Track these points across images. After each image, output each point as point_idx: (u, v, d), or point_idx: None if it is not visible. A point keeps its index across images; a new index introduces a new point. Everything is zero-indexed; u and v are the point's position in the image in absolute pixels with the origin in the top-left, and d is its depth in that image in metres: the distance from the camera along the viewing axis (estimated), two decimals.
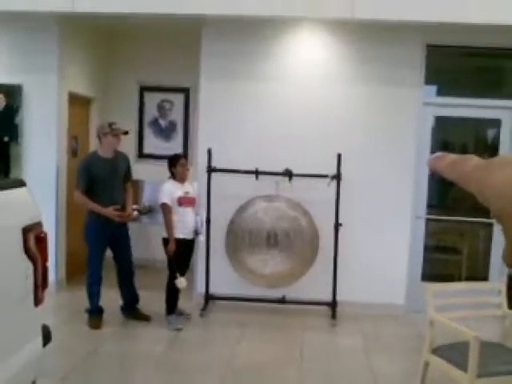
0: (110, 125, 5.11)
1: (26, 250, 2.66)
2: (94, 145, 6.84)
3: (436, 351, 3.52)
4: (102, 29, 6.92)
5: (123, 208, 5.17)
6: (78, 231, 5.32)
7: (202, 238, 5.49)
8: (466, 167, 0.56)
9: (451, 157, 0.58)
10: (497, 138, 6.01)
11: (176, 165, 5.19)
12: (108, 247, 5.22)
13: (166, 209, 5.10)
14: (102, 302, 5.18)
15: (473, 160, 0.56)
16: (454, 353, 3.41)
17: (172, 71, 7.07)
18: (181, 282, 5.10)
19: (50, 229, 4.07)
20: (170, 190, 5.12)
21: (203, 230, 5.46)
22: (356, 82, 5.80)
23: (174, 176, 5.19)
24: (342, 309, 5.69)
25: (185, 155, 5.90)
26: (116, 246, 5.24)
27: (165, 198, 5.10)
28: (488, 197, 0.51)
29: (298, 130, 5.83)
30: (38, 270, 2.74)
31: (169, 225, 5.09)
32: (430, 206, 6.05)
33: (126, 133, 5.19)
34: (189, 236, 5.22)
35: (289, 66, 5.83)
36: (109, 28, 6.97)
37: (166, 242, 5.13)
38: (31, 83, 5.93)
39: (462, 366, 3.22)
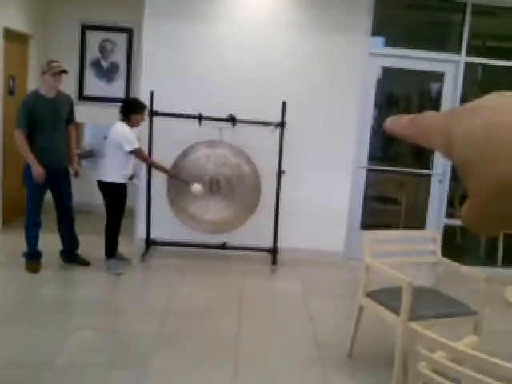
0: (49, 63, 4.90)
1: None
2: (32, 84, 6.59)
3: (370, 295, 3.61)
4: None
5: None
6: (15, 173, 5.16)
7: (137, 182, 5.47)
8: (425, 122, 0.52)
9: (408, 116, 0.55)
10: (440, 91, 6.09)
11: (139, 112, 5.03)
12: (48, 190, 5.08)
13: (141, 153, 5.08)
14: (41, 247, 5.08)
15: (432, 115, 0.52)
16: (387, 297, 3.50)
17: (115, 10, 6.83)
18: (196, 187, 5.23)
19: None
20: (133, 135, 5.00)
21: (142, 174, 5.43)
22: (304, 28, 5.73)
23: (128, 121, 5.02)
24: (283, 255, 5.76)
25: None
26: (56, 190, 5.09)
27: (135, 144, 4.97)
28: (453, 149, 0.48)
29: (243, 75, 5.75)
30: None
31: (153, 162, 5.25)
32: (373, 158, 6.13)
33: (64, 71, 4.97)
34: (124, 181, 5.14)
35: (236, 8, 5.69)
36: None
37: (102, 185, 5.03)
38: None
39: (395, 309, 3.31)
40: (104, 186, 5.04)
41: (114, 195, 5.06)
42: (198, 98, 5.67)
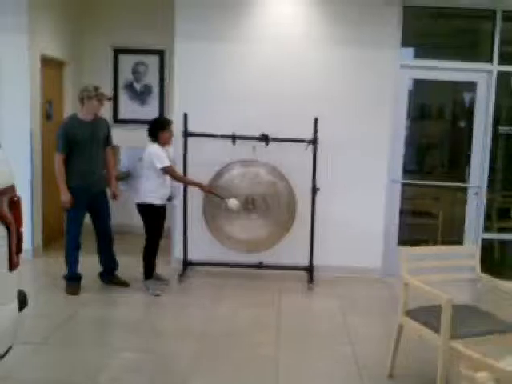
0: (96, 89, 5.00)
1: (0, 214, 2.61)
2: (68, 108, 6.75)
3: (410, 314, 3.57)
4: None
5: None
6: (55, 197, 5.26)
7: (176, 203, 5.53)
8: None
9: None
10: (473, 101, 6.04)
11: (165, 129, 5.10)
12: (87, 213, 5.17)
13: (171, 170, 5.10)
14: (81, 268, 5.18)
15: None
16: (427, 315, 3.46)
17: (146, 33, 6.96)
18: (232, 202, 5.33)
19: (24, 194, 4.02)
20: (164, 154, 5.07)
21: (179, 195, 5.49)
22: (333, 44, 5.75)
23: (157, 140, 5.10)
24: (319, 273, 5.75)
25: None
26: (95, 212, 5.19)
27: (166, 161, 5.04)
28: None
29: (274, 94, 5.79)
30: (12, 235, 2.70)
31: (185, 179, 5.34)
32: (406, 172, 6.09)
33: (109, 99, 5.16)
34: (163, 202, 5.21)
35: (265, 26, 5.74)
36: None
37: (140, 207, 5.11)
38: (1, 44, 5.77)
39: (435, 328, 3.28)
40: (142, 208, 5.11)
41: (153, 217, 5.13)
42: (231, 117, 5.73)
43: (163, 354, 4.01)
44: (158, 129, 5.09)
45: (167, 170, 5.06)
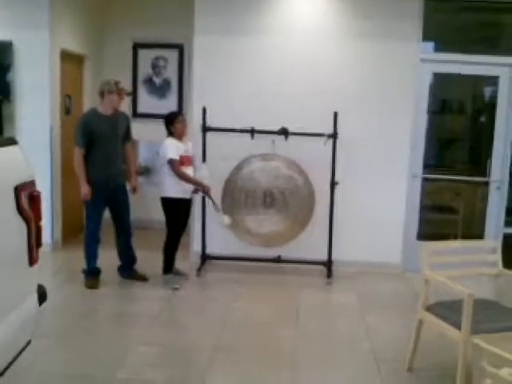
0: (116, 83, 5.03)
1: (19, 209, 2.62)
2: (88, 103, 6.77)
3: (430, 309, 3.53)
4: None
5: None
6: (74, 191, 5.29)
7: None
8: None
9: None
10: (494, 96, 5.96)
11: (174, 122, 5.10)
12: (106, 207, 5.19)
13: (175, 164, 5.00)
14: (100, 263, 5.20)
15: None
16: (448, 311, 3.43)
17: (166, 27, 6.95)
18: (226, 220, 5.23)
19: (44, 189, 4.05)
20: (177, 146, 5.05)
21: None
22: (353, 37, 5.70)
23: (172, 134, 5.12)
24: (338, 268, 5.72)
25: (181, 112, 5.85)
26: (114, 206, 5.20)
27: (173, 154, 5.00)
28: None
29: (294, 87, 5.75)
30: (31, 229, 2.71)
31: (186, 176, 5.05)
32: (427, 166, 6.02)
33: (129, 94, 5.16)
34: (187, 195, 5.20)
35: (285, 19, 5.71)
36: None
37: (163, 201, 5.10)
38: (22, 40, 5.81)
39: (456, 323, 3.23)
40: (165, 202, 5.12)
41: (175, 210, 5.12)
42: (250, 111, 5.71)
43: (182, 347, 4.02)
44: (170, 123, 5.12)
45: (171, 163, 5.00)
